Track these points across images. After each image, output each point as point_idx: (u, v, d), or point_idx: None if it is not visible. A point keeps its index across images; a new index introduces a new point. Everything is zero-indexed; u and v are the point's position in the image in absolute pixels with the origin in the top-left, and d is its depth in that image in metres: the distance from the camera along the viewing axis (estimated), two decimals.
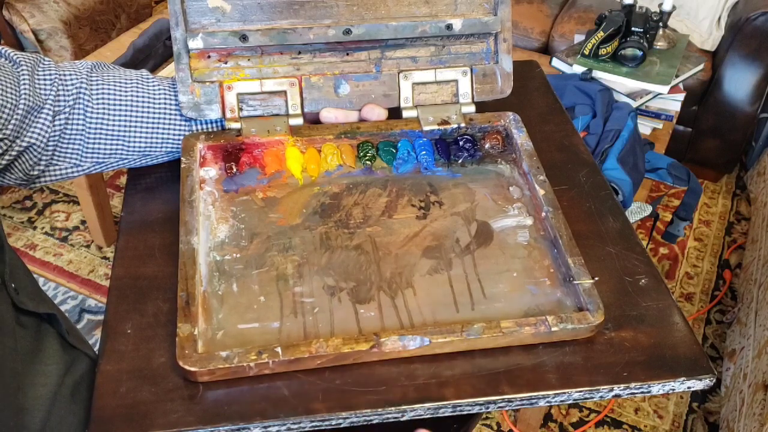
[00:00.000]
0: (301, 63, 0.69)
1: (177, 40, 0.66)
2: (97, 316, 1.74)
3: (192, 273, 0.57)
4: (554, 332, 0.55)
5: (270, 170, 0.68)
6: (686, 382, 0.55)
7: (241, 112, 0.68)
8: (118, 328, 0.56)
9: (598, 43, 1.71)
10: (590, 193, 0.70)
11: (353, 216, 0.65)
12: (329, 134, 0.70)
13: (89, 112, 0.64)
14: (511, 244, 0.63)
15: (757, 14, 1.87)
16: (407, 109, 0.71)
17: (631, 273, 0.63)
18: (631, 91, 1.69)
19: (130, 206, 0.67)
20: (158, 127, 0.67)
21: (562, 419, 1.57)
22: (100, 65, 0.67)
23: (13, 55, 0.62)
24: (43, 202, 2.04)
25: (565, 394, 0.54)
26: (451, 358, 0.55)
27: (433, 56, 0.72)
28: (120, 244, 0.63)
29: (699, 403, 1.62)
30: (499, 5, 0.70)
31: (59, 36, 1.98)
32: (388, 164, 0.70)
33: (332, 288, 0.59)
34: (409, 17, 0.69)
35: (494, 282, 0.60)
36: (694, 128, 2.07)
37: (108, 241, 1.89)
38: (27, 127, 0.61)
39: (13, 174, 0.63)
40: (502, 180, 0.70)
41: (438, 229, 0.64)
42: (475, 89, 0.72)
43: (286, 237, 0.63)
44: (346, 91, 0.70)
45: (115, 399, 0.52)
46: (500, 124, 0.73)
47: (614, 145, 1.46)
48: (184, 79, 0.67)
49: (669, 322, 0.59)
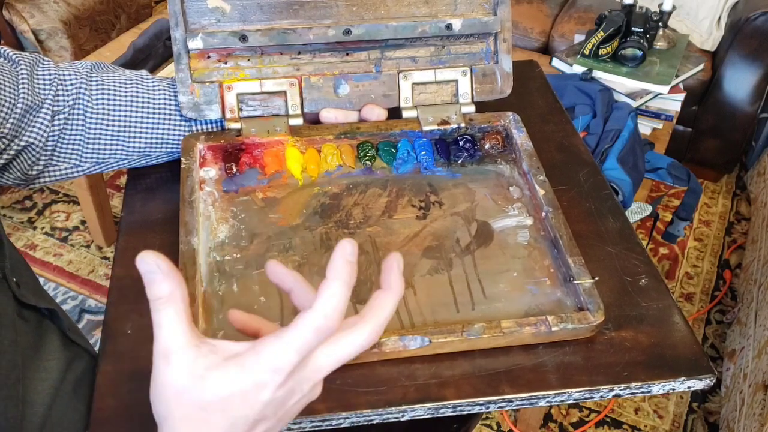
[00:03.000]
0: (300, 63, 0.69)
1: (177, 41, 0.66)
2: (97, 316, 1.74)
3: (192, 273, 0.57)
4: (554, 332, 0.55)
5: (270, 170, 0.68)
6: (686, 382, 0.55)
7: (240, 112, 0.68)
8: (118, 329, 0.56)
9: (598, 43, 1.71)
10: (590, 193, 0.70)
11: (353, 216, 0.65)
12: (329, 134, 0.70)
13: (89, 113, 0.64)
14: (511, 244, 0.63)
15: (757, 14, 1.87)
16: (407, 109, 0.71)
17: (631, 273, 0.63)
18: (631, 91, 1.69)
19: (130, 206, 0.67)
20: (158, 128, 0.67)
21: (562, 419, 1.57)
22: (100, 65, 0.67)
23: (12, 55, 0.62)
24: (43, 202, 2.04)
25: (565, 394, 0.54)
26: (452, 358, 0.55)
27: (432, 56, 0.72)
28: (120, 244, 0.63)
29: (699, 403, 1.62)
30: (498, 5, 0.70)
31: (59, 36, 1.98)
32: (388, 164, 0.70)
33: None
34: (409, 17, 0.69)
35: (494, 282, 0.60)
36: (694, 128, 2.07)
37: (108, 241, 1.89)
38: (25, 126, 0.61)
39: (12, 174, 0.63)
40: (502, 180, 0.70)
41: (438, 229, 0.64)
42: (474, 89, 0.72)
43: (286, 237, 0.63)
44: (346, 91, 0.70)
45: (115, 399, 0.52)
46: (500, 124, 0.73)
47: (614, 145, 1.46)
48: (183, 79, 0.67)
49: (669, 322, 0.59)
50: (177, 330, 0.39)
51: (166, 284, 0.40)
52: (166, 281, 0.40)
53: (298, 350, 0.39)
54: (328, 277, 0.40)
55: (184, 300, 0.40)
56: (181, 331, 0.39)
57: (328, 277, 0.40)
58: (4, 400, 0.48)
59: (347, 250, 0.40)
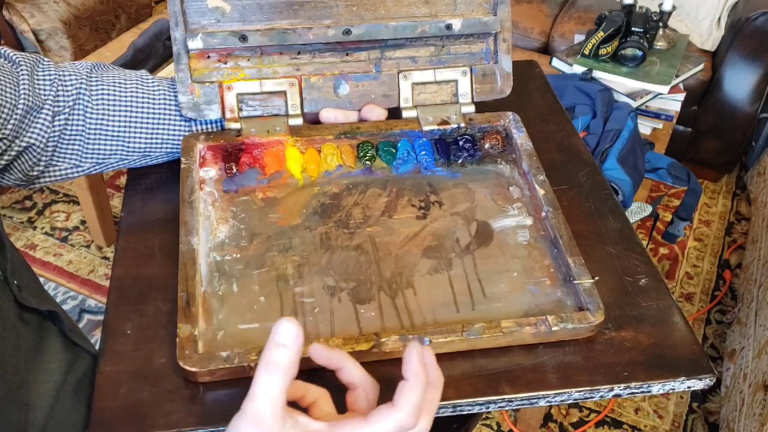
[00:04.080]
0: (300, 63, 0.69)
1: (177, 41, 0.66)
2: (97, 316, 1.74)
3: (192, 273, 0.57)
4: (554, 332, 0.55)
5: (270, 170, 0.68)
6: (686, 381, 0.55)
7: (240, 112, 0.68)
8: (118, 329, 0.56)
9: (598, 43, 1.71)
10: (590, 193, 0.70)
11: (353, 216, 0.65)
12: (329, 134, 0.70)
13: (89, 113, 0.64)
14: (511, 244, 0.63)
15: (757, 14, 1.87)
16: (407, 109, 0.71)
17: (631, 273, 0.63)
18: (631, 91, 1.69)
19: (130, 206, 0.67)
20: (158, 128, 0.67)
21: (562, 419, 1.57)
22: (100, 66, 0.67)
23: (12, 55, 0.62)
24: (43, 202, 2.04)
25: (565, 394, 0.54)
26: (452, 358, 0.55)
27: (432, 56, 0.72)
28: (120, 244, 0.63)
29: (699, 403, 1.62)
30: (498, 5, 0.70)
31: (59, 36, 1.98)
32: (388, 164, 0.70)
33: (332, 288, 0.59)
34: (409, 17, 0.69)
35: (494, 282, 0.60)
36: (694, 128, 2.07)
37: (108, 241, 1.89)
38: (26, 127, 0.61)
39: (13, 174, 0.63)
40: (502, 180, 0.70)
41: (438, 229, 0.64)
42: (474, 89, 0.72)
43: (286, 237, 0.63)
44: (346, 92, 0.70)
45: (115, 400, 0.52)
46: (500, 124, 0.73)
47: (614, 145, 1.46)
48: (183, 79, 0.67)
49: (669, 322, 0.59)
50: (277, 400, 0.41)
51: (290, 357, 0.41)
52: (291, 355, 0.41)
53: None
54: (407, 378, 0.43)
55: (292, 376, 0.42)
56: (279, 403, 0.41)
57: (408, 379, 0.43)
58: (8, 404, 0.48)
59: (420, 351, 0.44)
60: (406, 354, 0.44)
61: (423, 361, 0.44)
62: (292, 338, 0.41)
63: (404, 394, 0.43)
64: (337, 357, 0.48)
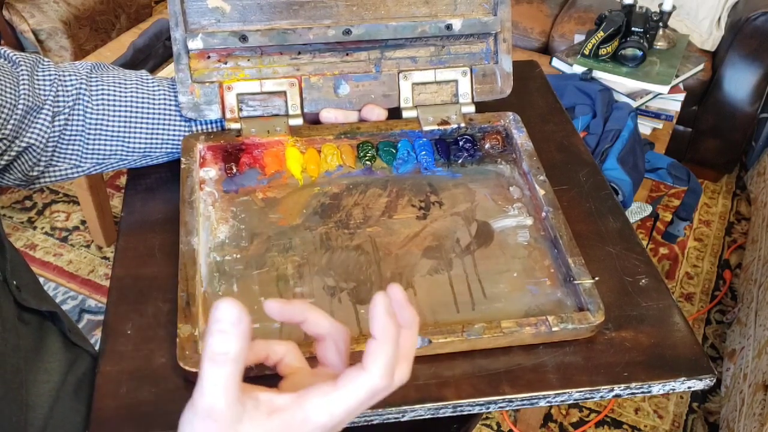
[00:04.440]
0: (300, 63, 0.69)
1: (177, 41, 0.66)
2: (97, 316, 1.74)
3: (192, 273, 0.57)
4: (555, 332, 0.55)
5: (270, 171, 0.68)
6: (686, 382, 0.55)
7: (240, 112, 0.68)
8: (118, 329, 0.56)
9: (598, 43, 1.71)
10: (590, 193, 0.70)
11: (353, 216, 0.65)
12: (329, 134, 0.70)
13: (89, 113, 0.64)
14: (511, 244, 0.63)
15: (757, 14, 1.87)
16: (407, 109, 0.71)
17: (631, 273, 0.63)
18: (631, 91, 1.69)
19: (130, 206, 0.67)
20: (158, 128, 0.67)
21: (562, 419, 1.57)
22: (100, 66, 0.67)
23: (12, 56, 0.62)
24: (43, 202, 2.04)
25: (565, 394, 0.54)
26: (452, 358, 0.55)
27: (432, 56, 0.72)
28: (120, 245, 0.63)
29: (699, 403, 1.62)
30: (498, 5, 0.70)
31: (59, 36, 1.98)
32: (388, 164, 0.70)
33: (332, 288, 0.59)
34: (409, 17, 0.69)
35: (495, 282, 0.60)
36: (694, 128, 2.07)
37: (108, 241, 1.89)
38: (26, 127, 0.61)
39: (13, 174, 0.63)
40: (502, 180, 0.70)
41: (438, 229, 0.64)
42: (474, 89, 0.72)
43: (286, 237, 0.63)
44: (346, 92, 0.70)
45: (115, 400, 0.52)
46: (500, 124, 0.73)
47: (614, 145, 1.46)
48: (183, 79, 0.67)
49: (669, 322, 0.59)
50: (230, 389, 0.38)
51: (237, 344, 0.37)
52: (238, 341, 0.37)
53: (349, 410, 0.39)
54: (375, 336, 0.39)
55: (243, 360, 0.38)
56: (233, 391, 0.38)
57: (376, 337, 0.39)
58: (8, 404, 0.48)
59: (385, 303, 0.39)
60: (371, 308, 0.39)
61: (390, 312, 0.39)
62: (233, 322, 0.37)
63: (373, 355, 0.39)
64: (297, 309, 0.43)
